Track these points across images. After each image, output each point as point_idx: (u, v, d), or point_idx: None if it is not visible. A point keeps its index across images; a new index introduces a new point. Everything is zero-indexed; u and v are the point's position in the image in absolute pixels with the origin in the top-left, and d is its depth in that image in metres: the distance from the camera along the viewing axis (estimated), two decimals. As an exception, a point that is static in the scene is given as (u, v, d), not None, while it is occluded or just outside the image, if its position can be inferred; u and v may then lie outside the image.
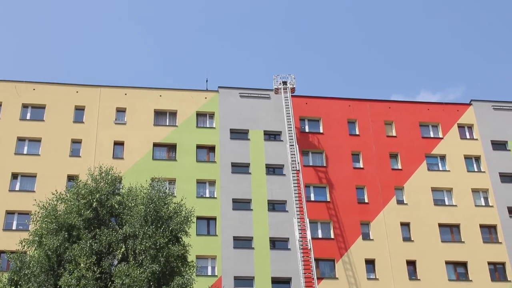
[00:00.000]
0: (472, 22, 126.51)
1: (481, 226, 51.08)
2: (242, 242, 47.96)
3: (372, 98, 56.51)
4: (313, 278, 43.99)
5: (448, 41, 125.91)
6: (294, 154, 50.23)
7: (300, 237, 46.00)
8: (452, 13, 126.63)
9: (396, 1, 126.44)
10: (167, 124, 52.73)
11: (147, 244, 30.38)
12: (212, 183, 50.37)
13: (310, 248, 45.28)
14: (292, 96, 53.96)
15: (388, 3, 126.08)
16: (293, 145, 50.79)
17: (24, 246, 31.78)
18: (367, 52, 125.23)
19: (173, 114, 53.21)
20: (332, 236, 49.17)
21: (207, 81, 69.91)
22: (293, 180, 48.94)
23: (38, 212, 32.27)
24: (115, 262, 31.66)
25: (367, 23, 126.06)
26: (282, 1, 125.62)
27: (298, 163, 49.60)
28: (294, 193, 48.25)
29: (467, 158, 54.35)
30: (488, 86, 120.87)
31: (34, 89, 52.32)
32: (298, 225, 46.60)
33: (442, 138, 54.93)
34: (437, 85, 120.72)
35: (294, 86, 54.57)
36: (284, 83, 54.61)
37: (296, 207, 47.55)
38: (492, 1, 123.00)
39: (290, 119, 52.25)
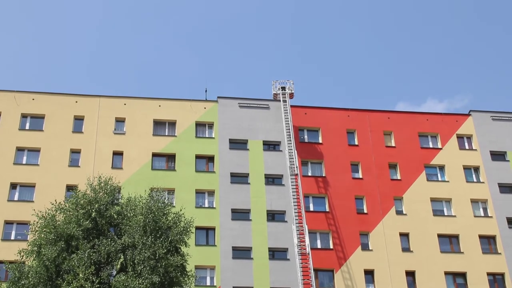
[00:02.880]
0: (480, 29, 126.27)
1: (480, 237, 51.04)
2: (241, 252, 47.89)
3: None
4: (311, 285, 43.93)
5: (456, 48, 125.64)
6: (293, 158, 50.33)
7: (298, 242, 45.98)
8: (460, 20, 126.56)
9: (403, 8, 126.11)
10: (166, 134, 52.74)
11: (146, 255, 30.32)
12: (211, 193, 50.34)
13: (309, 253, 45.30)
14: (291, 106, 54.18)
15: (394, 9, 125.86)
16: (291, 149, 50.94)
17: (22, 256, 31.75)
18: (373, 59, 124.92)
19: (172, 124, 53.26)
20: (331, 247, 49.09)
21: (206, 91, 69.92)
22: (292, 184, 49.08)
23: (37, 222, 32.25)
24: (114, 272, 31.59)
25: (372, 30, 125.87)
26: (283, 8, 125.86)
27: (297, 167, 49.76)
28: (293, 198, 48.37)
29: (466, 168, 54.41)
30: (496, 94, 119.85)
31: (33, 99, 52.34)
32: (297, 231, 46.60)
33: (441, 149, 54.97)
34: (444, 92, 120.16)
35: (293, 91, 55.02)
36: (283, 88, 55.01)
37: (295, 212, 47.62)
38: (502, 11, 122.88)
39: (288, 123, 52.56)
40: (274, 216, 50.04)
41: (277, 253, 48.43)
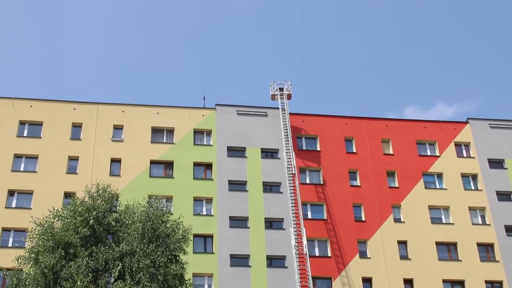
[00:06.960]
0: (490, 33, 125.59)
1: (478, 245, 51.01)
2: (239, 260, 47.79)
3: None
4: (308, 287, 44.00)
5: (466, 52, 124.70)
6: (290, 158, 50.37)
7: (296, 243, 45.97)
8: (470, 24, 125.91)
9: (411, 12, 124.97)
10: (164, 141, 52.72)
11: (145, 262, 30.24)
12: (209, 200, 50.28)
13: (306, 253, 45.34)
14: (289, 114, 54.21)
15: (402, 13, 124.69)
16: (289, 149, 51.13)
17: (20, 263, 31.69)
18: (382, 63, 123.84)
19: (170, 131, 53.24)
20: (329, 254, 49.04)
21: (204, 98, 69.77)
22: (290, 185, 49.17)
23: (35, 229, 32.24)
24: (112, 280, 31.53)
25: (381, 34, 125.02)
26: (283, 11, 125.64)
27: (294, 166, 49.87)
28: (291, 199, 48.53)
29: (464, 176, 54.41)
30: (506, 99, 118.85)
31: (31, 106, 52.33)
32: (295, 232, 46.56)
33: (439, 156, 55.00)
34: (454, 97, 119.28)
35: (291, 92, 55.36)
36: (281, 89, 55.28)
37: (292, 214, 47.70)
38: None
39: (286, 123, 52.91)
40: (272, 223, 50.00)
41: (275, 261, 48.36)
